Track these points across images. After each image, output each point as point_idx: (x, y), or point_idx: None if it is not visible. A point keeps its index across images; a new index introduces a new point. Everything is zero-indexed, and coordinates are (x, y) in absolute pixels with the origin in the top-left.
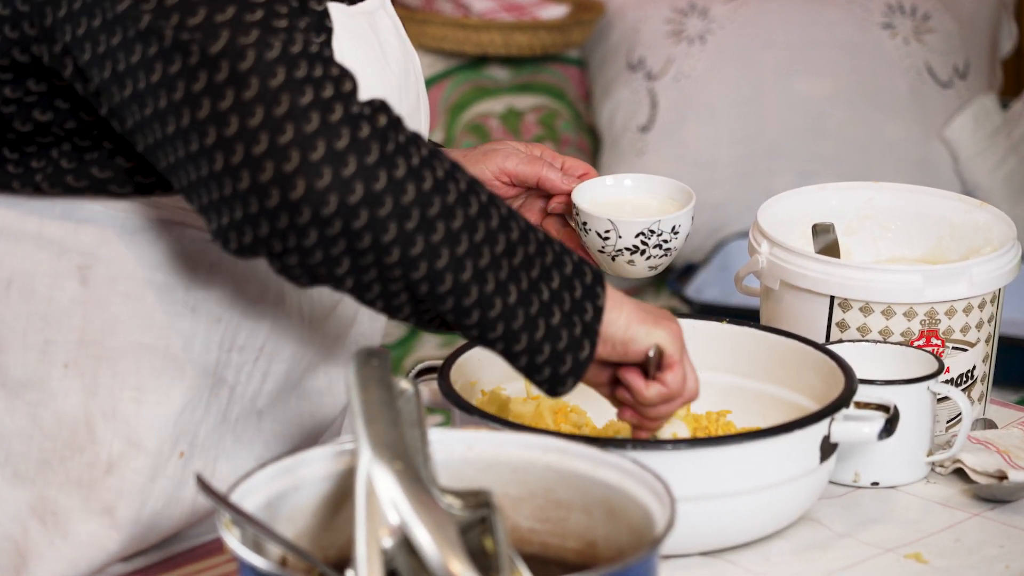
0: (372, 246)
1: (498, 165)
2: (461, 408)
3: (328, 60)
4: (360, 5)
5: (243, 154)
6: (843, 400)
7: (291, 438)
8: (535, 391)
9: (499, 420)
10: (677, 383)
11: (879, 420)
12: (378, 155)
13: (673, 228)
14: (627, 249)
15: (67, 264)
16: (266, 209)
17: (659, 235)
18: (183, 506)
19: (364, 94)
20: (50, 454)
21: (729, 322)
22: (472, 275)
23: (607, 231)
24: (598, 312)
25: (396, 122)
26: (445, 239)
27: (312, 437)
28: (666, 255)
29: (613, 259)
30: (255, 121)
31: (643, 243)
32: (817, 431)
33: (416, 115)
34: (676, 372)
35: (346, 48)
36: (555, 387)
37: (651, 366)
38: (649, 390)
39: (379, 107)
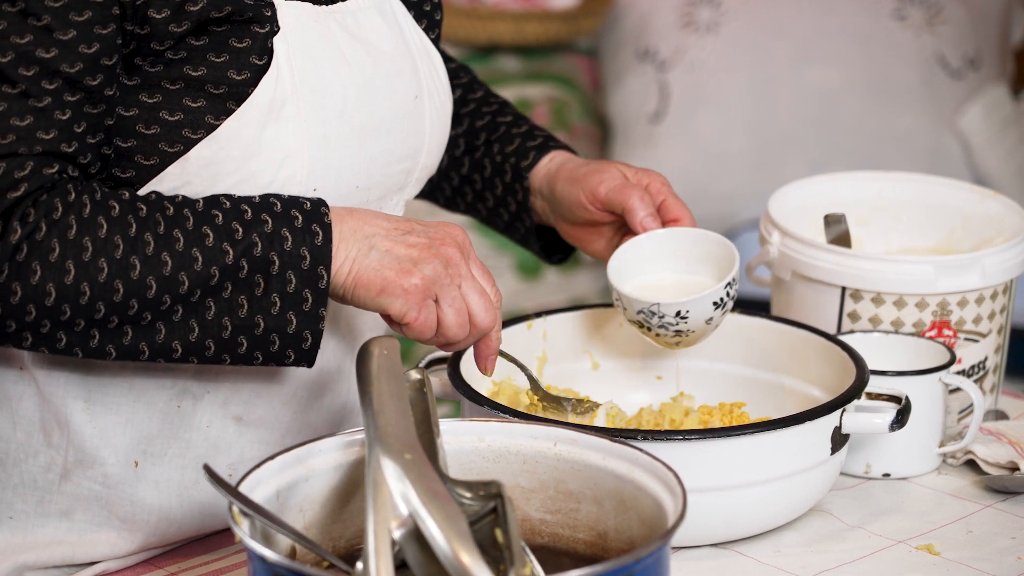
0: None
1: (591, 190)
2: (471, 399)
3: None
4: (336, 5)
5: None
6: (854, 391)
7: (282, 445)
8: (547, 382)
9: (509, 411)
10: (417, 334)
11: (891, 411)
12: (60, 250)
13: (678, 313)
14: (633, 323)
15: None
16: None
17: (660, 317)
18: (157, 514)
19: (314, 92)
20: (4, 455)
21: (740, 312)
22: (169, 335)
23: (617, 299)
24: (321, 295)
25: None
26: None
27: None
28: (679, 336)
29: (631, 324)
30: None
31: (645, 321)
32: (828, 422)
33: (413, 116)
34: (412, 328)
35: (296, 46)
36: (294, 365)
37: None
38: (394, 329)
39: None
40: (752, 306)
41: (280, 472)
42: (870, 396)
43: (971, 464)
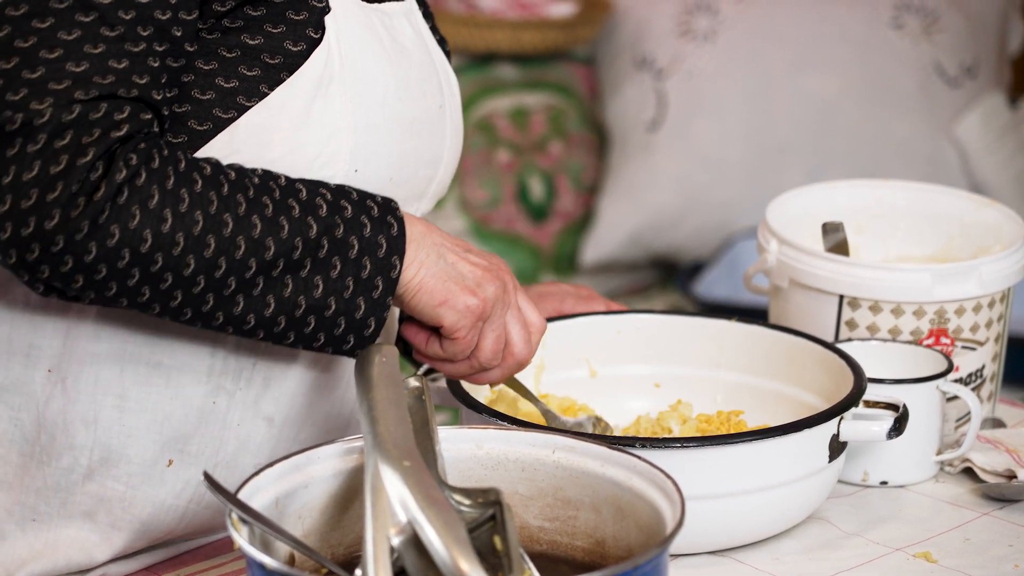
0: (149, 290)
1: (554, 308)
2: (469, 406)
3: (103, 115)
4: (376, 5)
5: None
6: (852, 399)
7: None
8: (544, 390)
9: (507, 418)
10: (457, 350)
11: (888, 419)
12: (159, 198)
13: None
14: None
15: None
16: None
17: None
18: (174, 513)
19: (358, 79)
20: (28, 459)
21: (738, 320)
22: (246, 308)
23: None
24: (391, 284)
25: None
26: (221, 281)
27: None
28: None
29: None
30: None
31: None
32: (826, 430)
33: (438, 123)
34: (456, 344)
35: (344, 30)
36: (347, 355)
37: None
38: (428, 348)
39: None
40: (750, 314)
41: (279, 479)
42: (868, 404)
43: (968, 472)
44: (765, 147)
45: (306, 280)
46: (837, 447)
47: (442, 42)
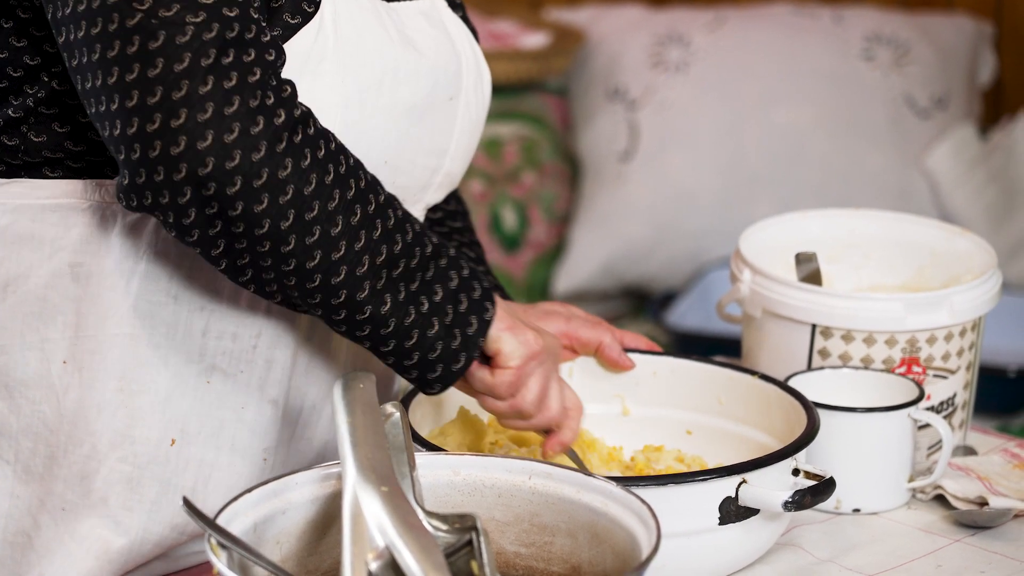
0: (245, 232)
1: (561, 328)
2: (415, 439)
3: (246, 43)
4: (389, 4)
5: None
6: (740, 468)
7: (318, 430)
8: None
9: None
10: (505, 383)
11: (786, 492)
12: (266, 139)
13: None
14: None
15: (59, 263)
16: (174, 185)
17: None
18: (179, 492)
19: (354, 57)
20: (55, 449)
21: (760, 378)
22: (344, 279)
23: None
24: (483, 326)
25: (307, 115)
26: (320, 241)
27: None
28: None
29: None
30: (153, 99)
31: None
32: (707, 489)
33: (446, 113)
34: (507, 374)
35: (343, 12)
36: (423, 388)
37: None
38: (477, 371)
39: (291, 91)
40: (722, 343)
41: (257, 505)
42: (808, 475)
43: (941, 499)
44: (737, 178)
45: (416, 294)
46: (737, 511)
47: (474, 32)
